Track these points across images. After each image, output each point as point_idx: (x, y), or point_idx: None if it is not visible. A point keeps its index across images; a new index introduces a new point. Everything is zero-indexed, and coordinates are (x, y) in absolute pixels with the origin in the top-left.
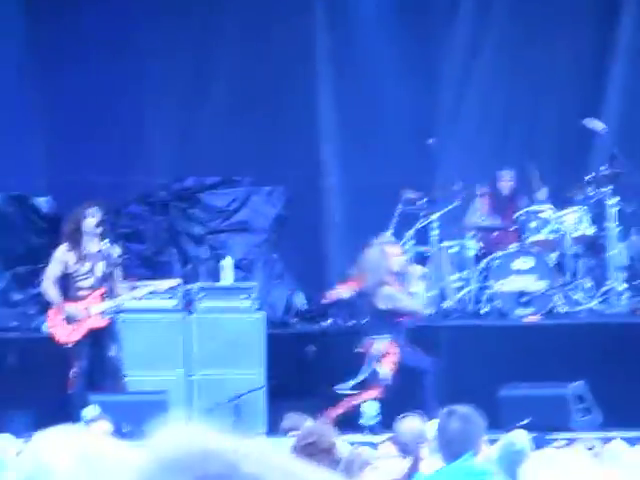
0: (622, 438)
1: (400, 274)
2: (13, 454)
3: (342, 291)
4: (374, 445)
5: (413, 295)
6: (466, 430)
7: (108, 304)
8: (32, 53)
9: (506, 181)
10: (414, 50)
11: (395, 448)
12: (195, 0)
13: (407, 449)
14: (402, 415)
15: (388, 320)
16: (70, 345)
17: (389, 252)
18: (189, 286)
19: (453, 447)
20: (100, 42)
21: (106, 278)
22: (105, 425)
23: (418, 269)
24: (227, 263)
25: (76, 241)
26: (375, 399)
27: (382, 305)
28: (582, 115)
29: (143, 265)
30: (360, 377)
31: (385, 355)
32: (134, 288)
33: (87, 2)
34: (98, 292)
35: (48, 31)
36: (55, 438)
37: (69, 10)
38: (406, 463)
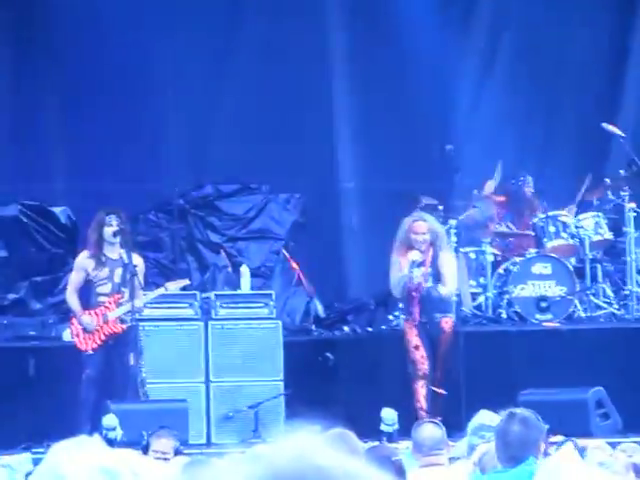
0: None
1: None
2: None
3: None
4: None
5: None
6: (526, 434)
7: (123, 309)
8: (52, 61)
9: (529, 187)
10: (432, 50)
11: None
12: (210, 10)
13: None
14: (420, 422)
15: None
16: (90, 353)
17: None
18: (207, 294)
19: (512, 450)
20: (117, 49)
21: (125, 285)
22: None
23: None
24: (244, 271)
25: (97, 247)
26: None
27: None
28: (601, 119)
29: (161, 273)
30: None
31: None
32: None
33: (107, 12)
34: (114, 299)
35: (72, 46)
36: (73, 450)
37: (90, 22)
38: None
